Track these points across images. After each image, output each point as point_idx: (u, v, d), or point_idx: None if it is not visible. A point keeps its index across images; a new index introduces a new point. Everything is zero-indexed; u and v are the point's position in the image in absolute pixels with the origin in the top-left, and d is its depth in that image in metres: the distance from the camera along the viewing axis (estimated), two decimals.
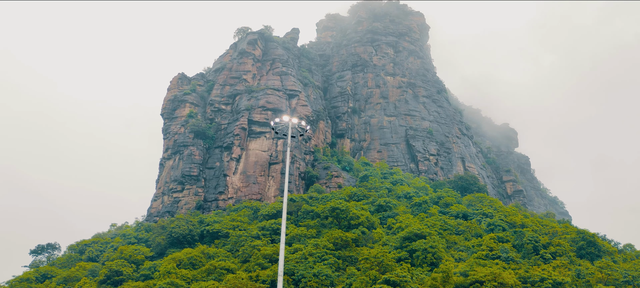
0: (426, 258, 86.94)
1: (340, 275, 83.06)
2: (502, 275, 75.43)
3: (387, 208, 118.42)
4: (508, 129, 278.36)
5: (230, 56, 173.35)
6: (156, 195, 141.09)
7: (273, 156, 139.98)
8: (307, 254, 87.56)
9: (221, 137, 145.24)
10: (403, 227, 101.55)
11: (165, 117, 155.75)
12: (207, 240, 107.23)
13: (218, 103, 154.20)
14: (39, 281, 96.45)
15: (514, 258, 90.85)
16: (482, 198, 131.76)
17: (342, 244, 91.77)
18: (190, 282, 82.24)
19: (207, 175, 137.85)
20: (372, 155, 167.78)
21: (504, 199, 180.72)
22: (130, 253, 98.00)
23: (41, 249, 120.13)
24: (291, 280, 78.95)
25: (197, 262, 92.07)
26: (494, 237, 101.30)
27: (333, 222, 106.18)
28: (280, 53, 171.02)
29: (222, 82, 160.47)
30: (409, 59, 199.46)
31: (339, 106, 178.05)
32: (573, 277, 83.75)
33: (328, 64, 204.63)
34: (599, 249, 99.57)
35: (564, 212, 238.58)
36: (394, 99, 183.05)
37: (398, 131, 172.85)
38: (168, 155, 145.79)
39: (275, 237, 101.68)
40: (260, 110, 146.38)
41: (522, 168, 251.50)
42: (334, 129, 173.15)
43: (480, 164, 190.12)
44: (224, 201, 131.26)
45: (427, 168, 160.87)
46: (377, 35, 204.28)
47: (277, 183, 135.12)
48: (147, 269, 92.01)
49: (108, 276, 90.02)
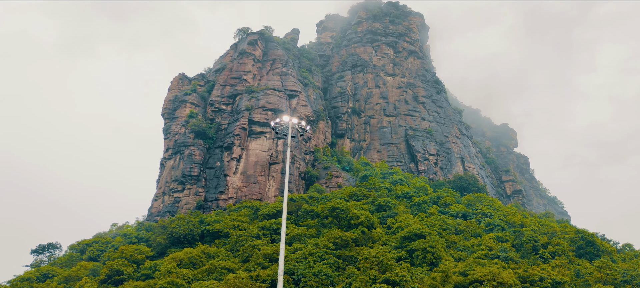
0: (426, 258, 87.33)
1: (340, 275, 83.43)
2: (502, 275, 75.82)
3: (387, 208, 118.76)
4: (507, 128, 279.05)
5: (231, 56, 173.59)
6: (157, 195, 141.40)
7: (273, 156, 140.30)
8: (307, 254, 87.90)
9: (221, 137, 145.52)
10: (403, 226, 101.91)
11: (165, 117, 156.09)
12: (207, 240, 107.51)
13: (218, 103, 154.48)
14: (40, 280, 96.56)
15: (513, 258, 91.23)
16: (481, 198, 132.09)
17: (342, 244, 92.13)
18: (190, 281, 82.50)
19: (207, 175, 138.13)
20: (372, 155, 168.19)
21: (503, 199, 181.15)
22: (131, 253, 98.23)
23: (42, 249, 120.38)
24: (291, 280, 79.32)
25: (197, 261, 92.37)
26: (493, 237, 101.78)
27: (333, 221, 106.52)
28: (280, 53, 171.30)
29: (222, 82, 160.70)
30: (408, 60, 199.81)
31: (339, 106, 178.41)
32: (572, 276, 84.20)
33: (328, 64, 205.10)
34: (597, 249, 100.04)
35: (563, 211, 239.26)
36: (393, 99, 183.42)
37: (398, 131, 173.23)
38: (169, 155, 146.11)
39: (276, 236, 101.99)
40: (261, 110, 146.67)
41: (521, 168, 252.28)
42: (334, 129, 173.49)
43: (480, 164, 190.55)
44: (225, 201, 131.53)
45: (427, 168, 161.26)
46: (376, 35, 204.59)
47: (277, 183, 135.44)
48: (147, 269, 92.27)
49: (109, 275, 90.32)
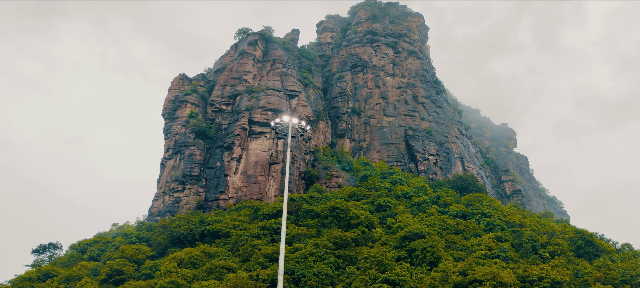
0: (425, 258, 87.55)
1: (340, 274, 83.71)
2: (501, 274, 76.09)
3: (387, 208, 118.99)
4: (507, 129, 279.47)
5: (231, 57, 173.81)
6: (157, 195, 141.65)
7: (273, 156, 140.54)
8: (307, 253, 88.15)
9: (222, 137, 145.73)
10: (402, 226, 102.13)
11: (166, 117, 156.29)
12: (207, 240, 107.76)
13: (219, 103, 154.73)
14: (41, 280, 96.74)
15: (512, 258, 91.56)
16: (481, 198, 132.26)
17: (341, 244, 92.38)
18: (191, 281, 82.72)
19: (207, 174, 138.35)
20: (372, 155, 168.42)
21: (502, 199, 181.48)
22: (132, 253, 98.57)
23: (43, 248, 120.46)
24: (291, 279, 79.60)
25: (198, 261, 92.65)
26: (493, 237, 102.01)
27: (333, 221, 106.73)
28: (280, 54, 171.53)
29: (222, 82, 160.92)
30: (408, 60, 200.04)
31: (338, 106, 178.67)
32: (571, 276, 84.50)
33: (328, 65, 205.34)
34: (597, 248, 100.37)
35: (562, 211, 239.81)
36: (393, 99, 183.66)
37: (397, 131, 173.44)
38: (169, 155, 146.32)
39: (276, 236, 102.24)
40: (261, 110, 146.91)
41: (521, 168, 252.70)
42: (334, 129, 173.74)
43: (479, 164, 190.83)
44: (225, 201, 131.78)
45: (427, 168, 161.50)
46: (376, 35, 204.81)
47: (277, 183, 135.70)
48: (148, 268, 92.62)
49: (109, 275, 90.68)
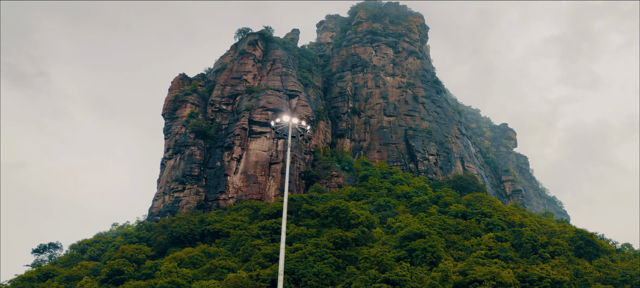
0: (425, 258, 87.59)
1: (340, 274, 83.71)
2: (501, 274, 76.10)
3: (387, 208, 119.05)
4: (507, 128, 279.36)
5: (231, 57, 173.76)
6: (157, 195, 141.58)
7: (273, 156, 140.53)
8: (307, 253, 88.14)
9: (222, 137, 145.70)
10: (402, 226, 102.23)
11: (166, 117, 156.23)
12: (208, 240, 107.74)
13: (219, 103, 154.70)
14: (41, 280, 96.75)
15: (512, 258, 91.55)
16: (481, 198, 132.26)
17: (342, 243, 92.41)
18: (191, 281, 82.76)
19: (207, 174, 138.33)
20: (372, 155, 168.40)
21: (502, 199, 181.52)
22: (132, 253, 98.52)
23: (43, 248, 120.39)
24: (291, 279, 79.60)
25: (198, 261, 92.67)
26: (493, 237, 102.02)
27: (333, 221, 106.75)
28: (280, 54, 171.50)
29: (222, 82, 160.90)
30: (408, 60, 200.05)
31: (339, 106, 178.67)
32: (571, 276, 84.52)
33: (328, 65, 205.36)
34: (597, 248, 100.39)
35: (562, 211, 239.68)
36: (393, 99, 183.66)
37: (397, 131, 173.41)
38: (169, 155, 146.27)
39: (276, 236, 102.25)
40: (261, 110, 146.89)
41: (521, 168, 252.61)
42: (334, 129, 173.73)
43: (479, 164, 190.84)
44: (225, 200, 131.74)
45: (427, 168, 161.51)
46: (376, 35, 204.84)
47: (277, 183, 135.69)
48: (148, 268, 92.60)
49: (109, 275, 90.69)
